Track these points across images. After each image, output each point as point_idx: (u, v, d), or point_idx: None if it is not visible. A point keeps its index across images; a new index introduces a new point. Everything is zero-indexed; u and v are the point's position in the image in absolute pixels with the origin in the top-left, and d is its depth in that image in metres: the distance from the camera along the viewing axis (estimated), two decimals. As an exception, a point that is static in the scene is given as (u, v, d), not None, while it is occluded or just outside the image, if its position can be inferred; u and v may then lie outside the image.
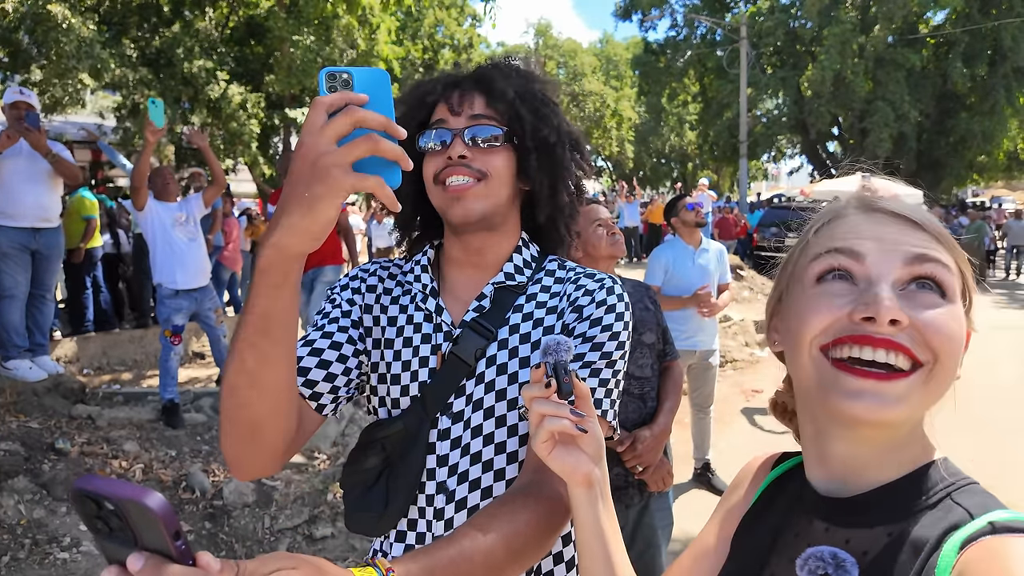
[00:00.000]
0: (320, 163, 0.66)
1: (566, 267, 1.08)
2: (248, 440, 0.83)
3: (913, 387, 0.58)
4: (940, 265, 0.60)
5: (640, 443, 1.94)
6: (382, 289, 1.07)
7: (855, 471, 0.63)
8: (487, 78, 1.00)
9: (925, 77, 19.96)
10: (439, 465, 0.97)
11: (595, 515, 0.76)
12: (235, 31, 11.84)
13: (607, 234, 2.16)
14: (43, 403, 3.83)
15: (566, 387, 0.72)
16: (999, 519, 0.54)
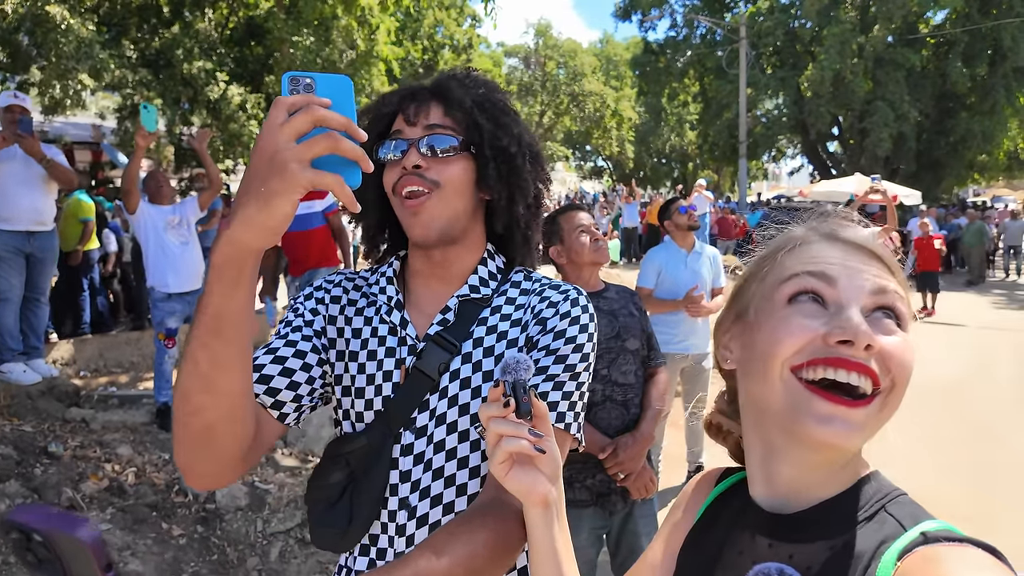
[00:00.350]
0: (278, 158, 0.66)
1: (532, 278, 1.07)
2: (202, 447, 0.81)
3: (871, 414, 0.60)
4: (898, 296, 0.63)
5: (622, 450, 1.95)
6: (346, 300, 1.06)
7: (799, 491, 0.65)
8: (444, 87, 1.00)
9: (925, 77, 19.93)
10: (402, 481, 0.96)
11: (550, 535, 0.76)
12: (235, 32, 11.86)
13: (590, 240, 2.16)
14: (37, 406, 3.84)
15: (525, 406, 0.71)
16: (930, 529, 0.57)
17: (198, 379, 0.76)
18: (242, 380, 0.79)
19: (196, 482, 0.86)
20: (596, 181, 39.28)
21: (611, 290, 2.26)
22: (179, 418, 0.79)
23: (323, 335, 1.03)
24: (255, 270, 0.74)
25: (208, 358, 0.74)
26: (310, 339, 1.00)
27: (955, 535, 0.56)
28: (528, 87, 29.40)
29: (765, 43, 21.27)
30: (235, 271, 0.71)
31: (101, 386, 5.15)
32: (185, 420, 0.78)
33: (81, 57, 8.62)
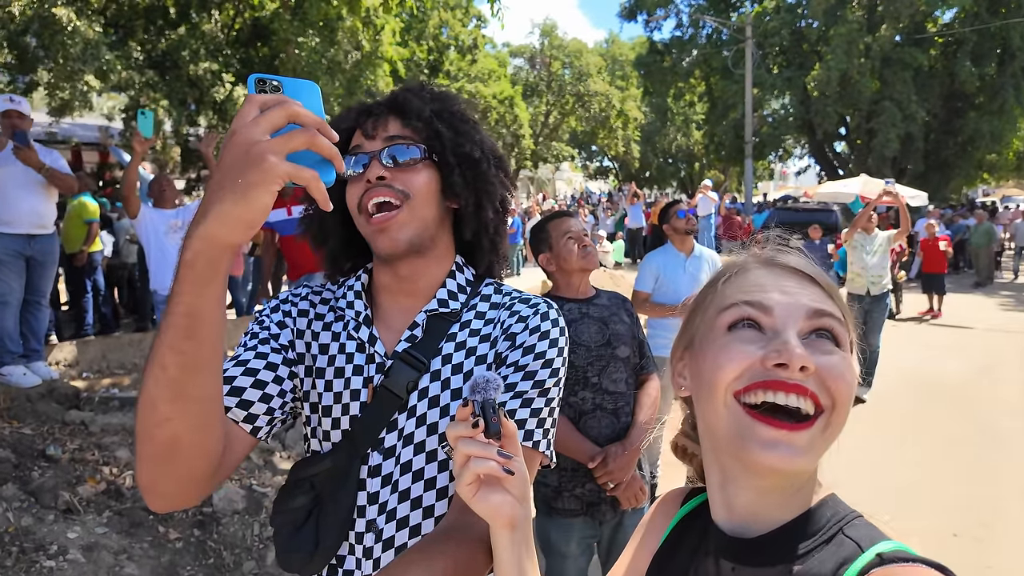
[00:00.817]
0: (254, 150, 0.64)
1: (502, 291, 1.05)
2: (166, 462, 0.76)
3: (815, 435, 0.61)
4: (835, 319, 0.65)
5: (612, 460, 1.93)
6: (314, 314, 1.03)
7: (757, 514, 0.66)
8: (400, 100, 0.99)
9: (933, 77, 19.79)
10: (370, 503, 0.94)
11: (517, 558, 0.75)
12: (240, 33, 11.90)
13: (578, 247, 2.15)
14: (37, 409, 3.86)
15: (494, 427, 0.69)
16: (886, 550, 0.59)
17: (166, 386, 0.71)
18: (213, 387, 0.75)
19: (158, 503, 0.81)
20: (602, 181, 39.21)
21: (602, 297, 2.24)
22: (143, 430, 0.74)
23: (291, 348, 1.00)
24: (228, 268, 0.70)
25: (178, 362, 0.70)
26: (279, 351, 0.98)
27: (910, 555, 0.58)
28: (533, 87, 29.39)
29: (771, 43, 21.17)
30: (209, 268, 0.67)
31: (103, 388, 5.17)
32: (150, 432, 0.73)
33: (88, 59, 8.67)
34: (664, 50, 24.59)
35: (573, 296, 2.19)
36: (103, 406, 4.40)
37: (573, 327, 2.10)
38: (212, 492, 0.89)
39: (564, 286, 2.20)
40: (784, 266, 0.69)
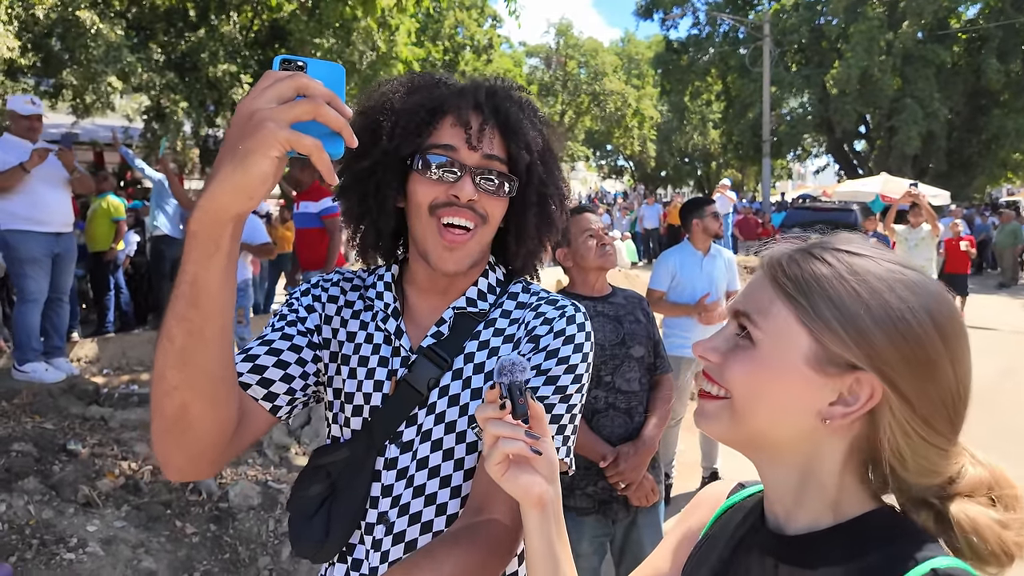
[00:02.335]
0: (256, 116, 0.64)
1: (530, 291, 1.04)
2: (178, 433, 0.77)
3: (719, 408, 0.69)
4: (745, 316, 0.68)
5: (623, 460, 1.92)
6: (344, 301, 1.03)
7: (785, 510, 0.68)
8: (513, 120, 0.94)
9: (956, 74, 19.45)
10: (383, 495, 0.95)
11: (547, 537, 0.75)
12: (259, 35, 12.02)
13: (597, 245, 2.13)
14: (58, 404, 3.93)
15: (521, 408, 0.70)
16: (941, 566, 0.57)
17: (173, 355, 0.72)
18: (220, 358, 0.75)
19: (175, 474, 0.83)
20: (617, 180, 39.04)
21: (618, 295, 2.23)
22: (155, 401, 0.76)
23: (318, 333, 1.00)
24: (235, 239, 0.70)
25: (184, 332, 0.71)
26: (306, 334, 0.98)
27: (967, 572, 0.57)
28: (549, 87, 29.33)
29: (790, 40, 20.93)
30: (211, 240, 0.68)
31: (123, 384, 5.24)
32: (160, 402, 0.75)
33: (110, 60, 8.82)
34: (681, 48, 24.42)
35: (588, 293, 2.17)
36: (122, 402, 4.46)
37: None
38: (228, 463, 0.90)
39: (580, 283, 2.19)
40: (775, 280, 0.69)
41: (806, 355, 0.63)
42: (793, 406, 0.64)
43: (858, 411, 0.62)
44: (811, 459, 0.66)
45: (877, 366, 0.61)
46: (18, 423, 3.60)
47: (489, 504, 0.88)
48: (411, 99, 0.94)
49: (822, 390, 0.63)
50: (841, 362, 0.62)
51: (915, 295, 0.62)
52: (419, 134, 0.92)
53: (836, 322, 0.62)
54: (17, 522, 2.79)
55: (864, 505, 0.65)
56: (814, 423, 0.63)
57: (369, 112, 0.95)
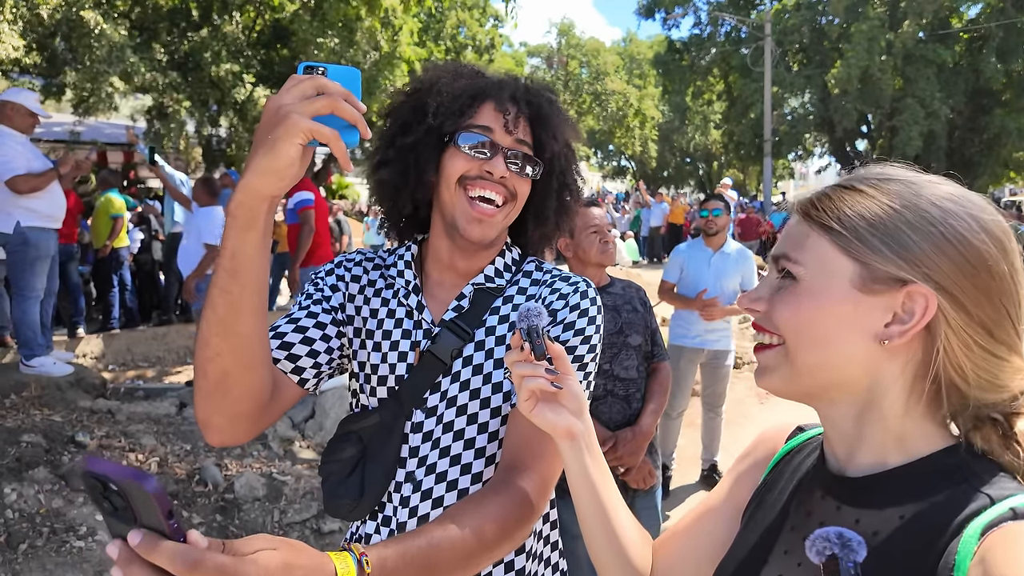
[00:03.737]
0: (282, 111, 0.74)
1: (543, 269, 1.13)
2: (219, 396, 0.85)
3: (775, 357, 0.68)
4: (789, 260, 0.67)
5: (621, 445, 1.97)
6: (366, 280, 1.11)
7: (847, 450, 0.67)
8: (544, 111, 1.05)
9: (957, 73, 19.43)
10: (410, 456, 1.01)
11: (582, 465, 0.81)
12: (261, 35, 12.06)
13: (599, 241, 2.18)
14: (66, 397, 3.98)
15: (539, 348, 0.78)
16: (1021, 504, 0.54)
17: (216, 323, 0.81)
18: (256, 325, 0.84)
19: (214, 436, 0.90)
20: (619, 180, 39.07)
21: (616, 285, 2.27)
22: (199, 366, 0.85)
23: (341, 311, 1.08)
24: (269, 217, 0.80)
25: (226, 302, 0.80)
26: (330, 312, 1.06)
27: None
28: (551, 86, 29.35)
29: (791, 40, 20.94)
30: (247, 216, 0.77)
31: (128, 379, 5.30)
32: (204, 367, 0.84)
33: (113, 61, 8.86)
34: (682, 48, 24.43)
35: None
36: (128, 396, 4.52)
37: None
38: (262, 430, 0.96)
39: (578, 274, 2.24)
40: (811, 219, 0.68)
41: (851, 278, 0.62)
42: (847, 333, 0.62)
43: (915, 326, 0.60)
44: (873, 392, 0.63)
45: (927, 275, 0.59)
46: (27, 415, 3.66)
47: (520, 460, 0.95)
48: (456, 84, 1.03)
49: (874, 311, 0.61)
50: (888, 278, 0.60)
51: (955, 203, 0.61)
52: (461, 115, 1.01)
53: (875, 239, 0.61)
54: (28, 511, 2.84)
55: (932, 440, 0.63)
56: (872, 348, 0.61)
57: (417, 94, 1.04)
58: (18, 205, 4.04)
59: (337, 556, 0.69)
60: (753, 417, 5.53)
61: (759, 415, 5.56)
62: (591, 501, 0.81)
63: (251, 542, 0.63)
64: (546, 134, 1.05)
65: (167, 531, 0.56)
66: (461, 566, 0.82)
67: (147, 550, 0.55)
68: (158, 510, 0.54)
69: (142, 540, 0.55)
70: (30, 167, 4.06)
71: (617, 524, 0.83)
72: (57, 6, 8.45)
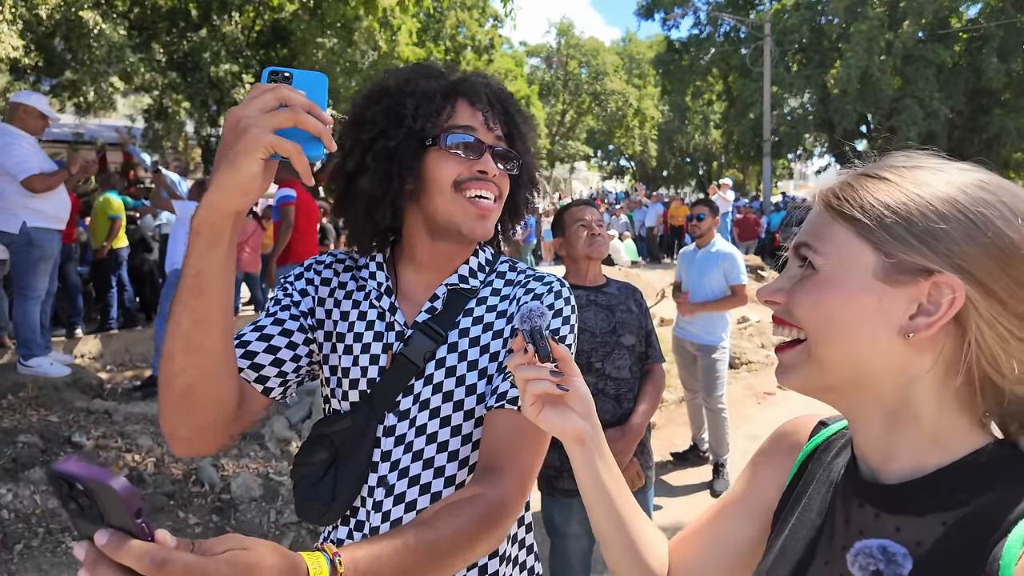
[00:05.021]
0: (242, 124, 0.73)
1: (517, 269, 1.13)
2: (184, 409, 0.85)
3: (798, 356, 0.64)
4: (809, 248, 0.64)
5: (610, 444, 1.97)
6: (337, 283, 1.09)
7: (880, 456, 0.63)
8: (512, 110, 1.06)
9: (957, 73, 19.44)
10: (382, 460, 1.01)
11: (593, 468, 0.78)
12: (261, 35, 12.08)
13: (587, 235, 2.19)
14: (63, 398, 3.99)
15: (543, 350, 0.76)
16: None
17: (180, 339, 0.80)
18: (222, 339, 0.83)
19: (180, 447, 0.90)
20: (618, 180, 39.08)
21: (612, 285, 2.28)
22: (163, 379, 0.84)
23: (311, 315, 1.06)
24: (234, 234, 0.79)
25: (190, 318, 0.79)
26: (297, 318, 1.04)
27: None
28: (550, 86, 29.38)
29: (790, 40, 20.95)
30: (211, 233, 0.76)
31: (126, 380, 5.31)
32: (169, 381, 0.83)
33: (112, 61, 8.88)
34: (682, 48, 24.44)
35: (582, 283, 2.24)
36: (126, 397, 4.52)
37: (580, 313, 2.15)
38: (229, 442, 0.95)
39: (572, 272, 2.26)
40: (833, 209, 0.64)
41: (873, 268, 0.59)
42: (870, 326, 0.59)
43: (942, 318, 0.56)
44: (903, 389, 0.60)
45: (955, 263, 0.56)
46: (24, 416, 3.67)
47: (497, 463, 0.94)
48: (429, 84, 1.02)
49: (899, 302, 0.58)
50: (912, 267, 0.57)
51: (985, 189, 0.58)
52: (439, 115, 1.00)
53: (899, 227, 0.58)
54: (24, 511, 2.85)
55: (970, 439, 0.59)
56: (897, 342, 0.58)
57: (389, 97, 1.02)
58: (25, 206, 4.07)
59: (309, 556, 0.69)
60: (751, 418, 5.53)
61: (758, 416, 5.56)
62: (604, 504, 0.79)
63: (222, 541, 0.62)
64: (515, 130, 1.06)
65: (134, 530, 0.55)
66: (435, 569, 0.81)
67: (114, 550, 0.54)
68: (125, 510, 0.54)
69: (109, 540, 0.55)
70: (42, 167, 4.11)
71: (633, 527, 0.81)
72: (56, 6, 8.45)
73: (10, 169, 3.97)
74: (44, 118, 4.21)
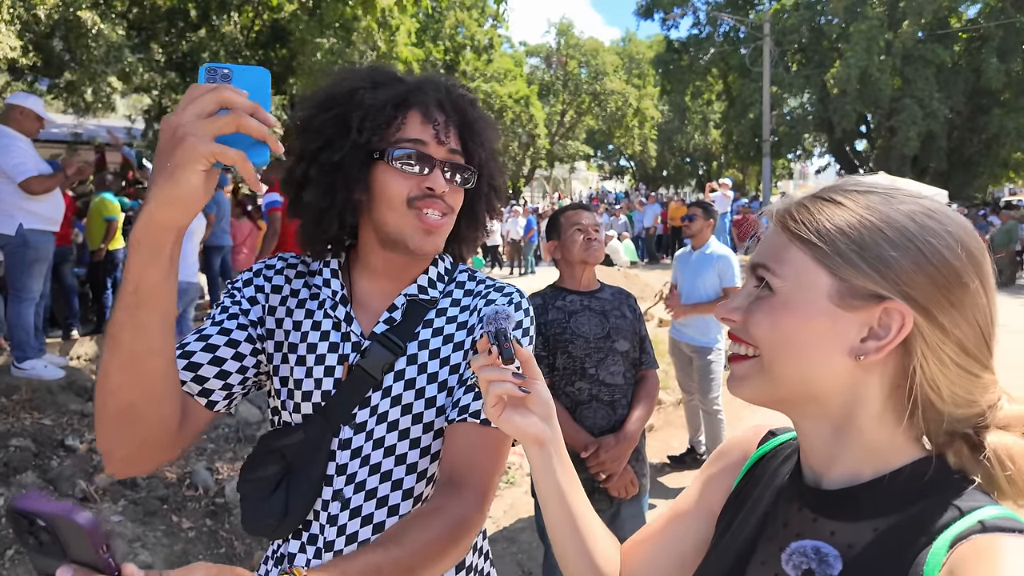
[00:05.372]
0: (179, 132, 0.67)
1: (476, 279, 1.10)
2: (122, 429, 0.80)
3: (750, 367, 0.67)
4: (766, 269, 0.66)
5: (604, 451, 1.95)
6: (289, 290, 1.04)
7: (823, 463, 0.66)
8: (470, 118, 1.01)
9: (956, 73, 19.44)
10: (337, 473, 0.97)
11: (550, 471, 0.79)
12: (260, 35, 12.07)
13: (582, 239, 2.17)
14: (57, 401, 3.97)
15: (507, 352, 0.76)
16: (989, 517, 0.55)
17: (118, 356, 0.76)
18: (163, 358, 0.78)
19: (117, 467, 0.85)
20: (618, 180, 39.06)
21: (606, 291, 2.27)
22: (99, 397, 0.79)
23: (260, 324, 1.01)
24: (176, 248, 0.74)
25: (129, 336, 0.75)
26: (245, 327, 0.99)
27: (1017, 524, 0.54)
28: (549, 86, 29.35)
29: (790, 40, 20.95)
30: (151, 248, 0.72)
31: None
32: (104, 400, 0.79)
33: (111, 61, 8.87)
34: (681, 48, 24.44)
35: (576, 288, 2.22)
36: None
37: (573, 319, 2.13)
38: (171, 459, 0.93)
39: (567, 277, 2.24)
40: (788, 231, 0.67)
41: (828, 293, 0.61)
42: (824, 348, 0.61)
43: (891, 342, 0.59)
44: (849, 405, 0.63)
45: (904, 291, 0.59)
46: (17, 419, 3.65)
47: (459, 476, 0.93)
48: (377, 94, 0.96)
49: (851, 326, 0.61)
50: (865, 293, 0.60)
51: (933, 218, 0.61)
52: (388, 127, 0.95)
53: (853, 253, 0.60)
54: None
55: (905, 454, 0.63)
56: (848, 363, 0.61)
57: (336, 106, 0.97)
58: (21, 207, 4.06)
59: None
60: (745, 419, 5.51)
61: (751, 418, 5.54)
62: (559, 507, 0.80)
63: (192, 570, 0.60)
64: (473, 141, 1.01)
65: (100, 565, 0.54)
66: None
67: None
68: (91, 544, 0.52)
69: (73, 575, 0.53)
70: (39, 169, 4.10)
71: (585, 530, 0.82)
72: (54, 6, 8.44)
73: (8, 171, 3.96)
74: (40, 120, 4.21)
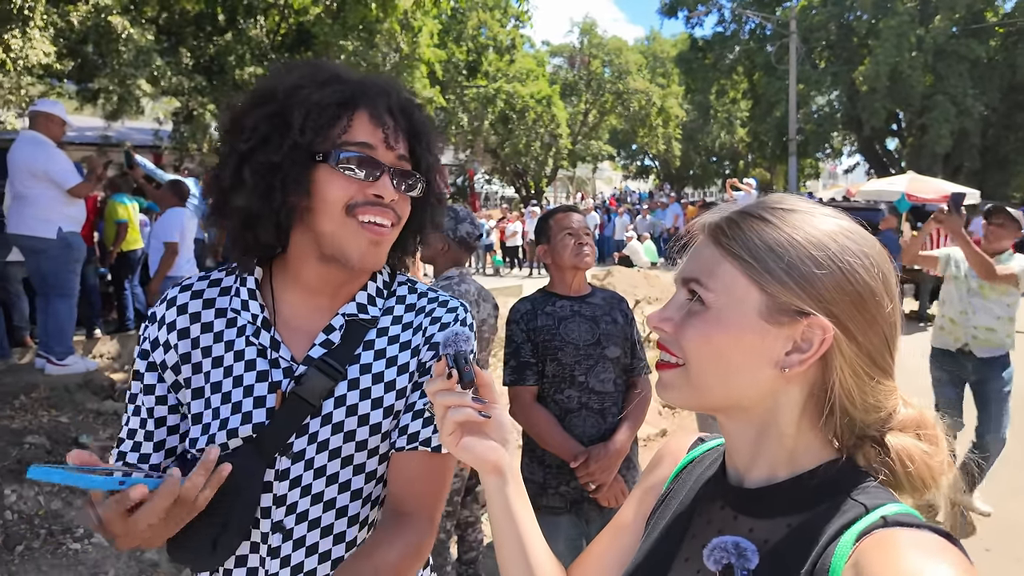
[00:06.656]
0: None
1: (417, 291, 1.04)
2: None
3: (677, 376, 0.69)
4: (697, 283, 0.68)
5: (594, 461, 1.92)
6: (199, 327, 0.95)
7: (745, 464, 0.70)
8: (417, 123, 0.97)
9: (992, 69, 18.85)
10: (276, 505, 0.92)
11: (504, 498, 0.79)
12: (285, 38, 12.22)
13: (573, 244, 2.13)
14: (74, 399, 4.07)
15: (467, 375, 0.74)
16: (890, 513, 0.60)
17: None
18: None
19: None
20: (642, 180, 38.74)
21: (597, 296, 2.22)
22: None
23: (177, 387, 0.96)
24: None
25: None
26: (176, 408, 0.96)
27: (914, 520, 0.59)
28: (572, 86, 29.22)
29: (817, 37, 20.55)
30: None
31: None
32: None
33: (140, 65, 9.08)
34: (706, 47, 24.14)
35: (566, 292, 2.18)
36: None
37: (563, 325, 2.09)
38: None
39: (558, 282, 2.20)
40: (721, 245, 0.69)
41: (758, 308, 0.64)
42: (751, 361, 0.65)
43: (813, 355, 0.64)
44: (771, 412, 0.67)
45: (826, 308, 0.63)
46: (35, 416, 3.74)
47: (406, 504, 0.92)
48: (321, 93, 0.90)
49: (777, 340, 0.64)
50: (791, 309, 0.63)
51: (851, 239, 0.65)
52: (332, 128, 0.89)
53: (782, 271, 0.64)
54: (27, 512, 2.90)
55: (818, 456, 0.67)
56: (772, 374, 0.65)
57: (274, 102, 0.90)
58: (60, 212, 4.27)
59: None
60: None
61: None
62: (510, 532, 0.80)
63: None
64: (421, 146, 0.96)
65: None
66: None
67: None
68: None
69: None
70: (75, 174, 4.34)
71: (532, 555, 0.81)
72: (87, 13, 8.68)
73: (55, 177, 4.18)
74: (64, 124, 4.40)
